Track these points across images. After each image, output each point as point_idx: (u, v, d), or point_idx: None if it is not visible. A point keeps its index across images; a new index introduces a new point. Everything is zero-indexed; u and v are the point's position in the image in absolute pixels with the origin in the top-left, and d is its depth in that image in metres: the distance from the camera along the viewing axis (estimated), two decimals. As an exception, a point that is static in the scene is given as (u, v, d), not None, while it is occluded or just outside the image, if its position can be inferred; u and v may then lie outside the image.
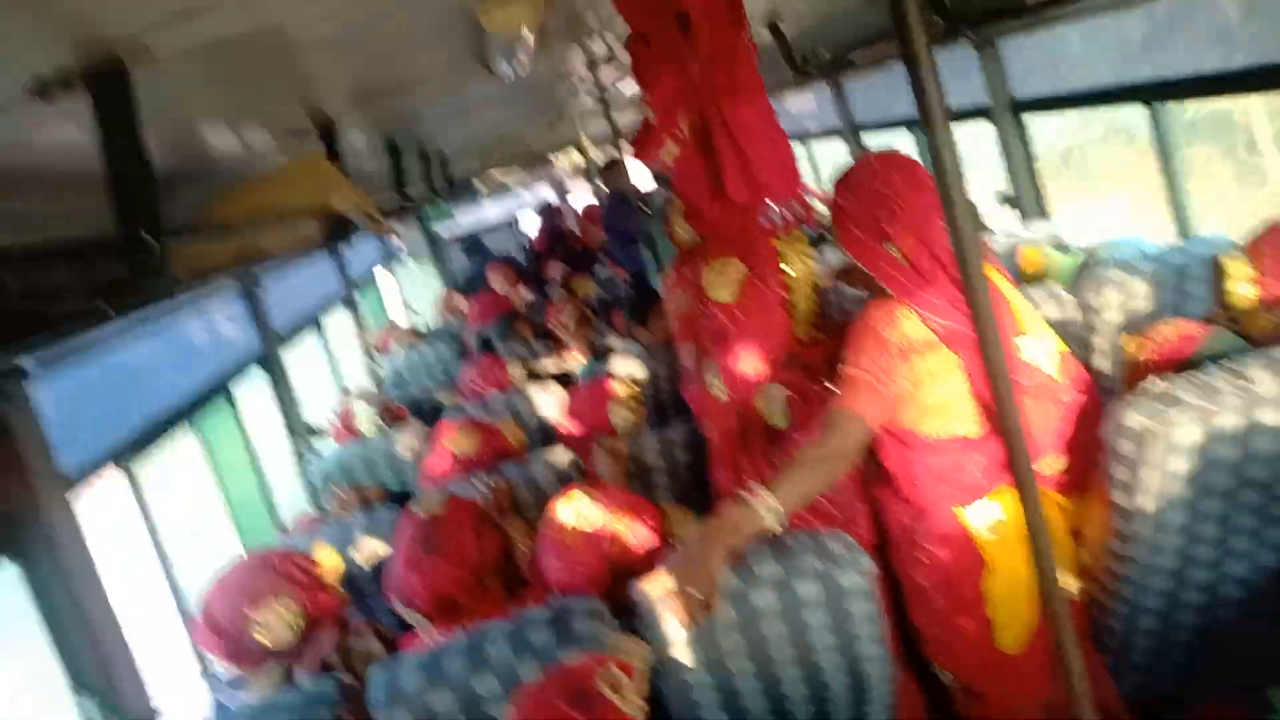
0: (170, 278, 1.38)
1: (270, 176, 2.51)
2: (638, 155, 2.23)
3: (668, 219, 2.49)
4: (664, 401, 3.36)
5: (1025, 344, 1.84)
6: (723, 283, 2.27)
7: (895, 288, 1.87)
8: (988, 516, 1.88)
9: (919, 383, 1.86)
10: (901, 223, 1.83)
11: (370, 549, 2.58)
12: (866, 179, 1.91)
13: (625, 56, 2.97)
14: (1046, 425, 1.86)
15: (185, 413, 3.09)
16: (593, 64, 3.40)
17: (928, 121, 1.04)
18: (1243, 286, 2.16)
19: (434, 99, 3.25)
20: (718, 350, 2.29)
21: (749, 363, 2.27)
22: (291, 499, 3.94)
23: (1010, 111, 3.63)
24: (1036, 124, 3.65)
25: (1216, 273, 2.23)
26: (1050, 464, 1.89)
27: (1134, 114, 3.00)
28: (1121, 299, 2.41)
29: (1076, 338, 2.39)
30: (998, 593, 1.88)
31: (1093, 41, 3.19)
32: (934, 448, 1.90)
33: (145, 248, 1.33)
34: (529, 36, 2.11)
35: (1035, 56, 3.41)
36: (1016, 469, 1.14)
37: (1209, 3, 2.58)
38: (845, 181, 1.96)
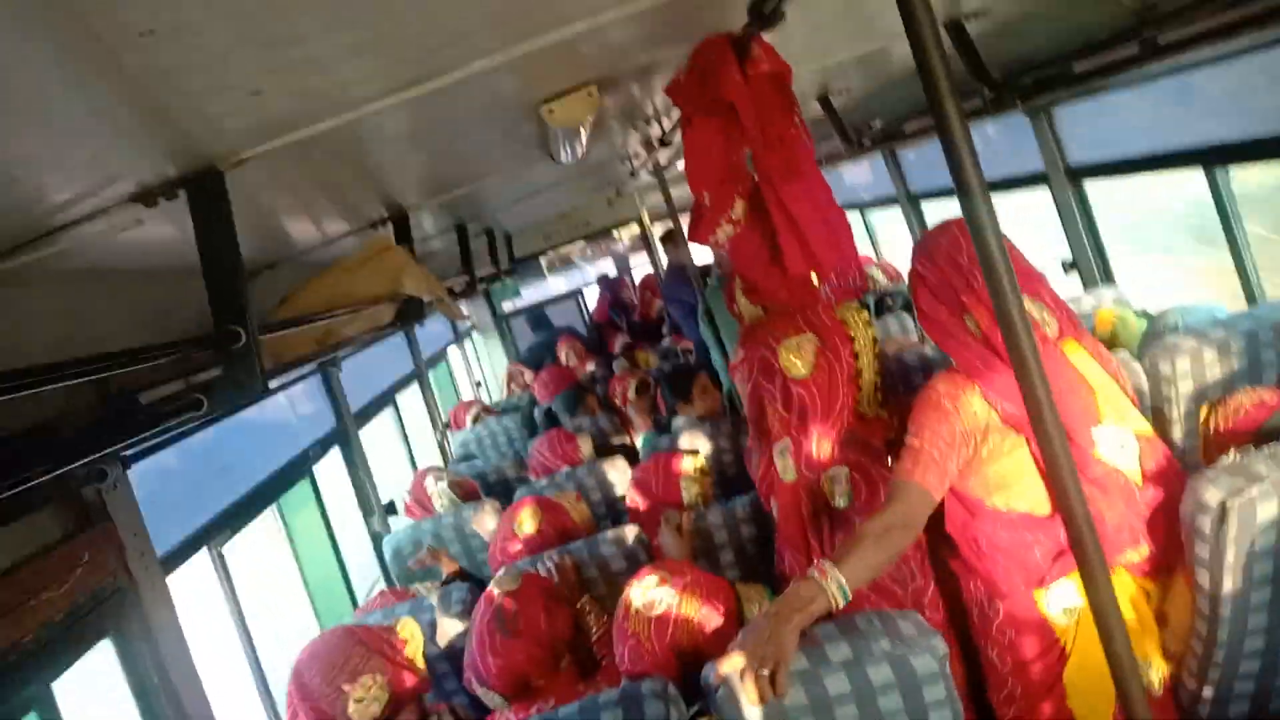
0: (263, 371, 1.46)
1: (345, 264, 2.63)
2: (692, 237, 2.29)
3: (730, 293, 2.52)
4: (727, 475, 3.36)
5: (1101, 435, 1.81)
6: (799, 359, 2.29)
7: (964, 364, 1.87)
8: (1064, 601, 1.84)
9: (981, 459, 1.85)
10: (979, 295, 1.82)
11: (445, 628, 2.60)
12: (947, 247, 1.90)
13: (678, 139, 3.08)
14: (1121, 520, 1.81)
15: (269, 493, 3.19)
16: (650, 145, 3.51)
17: (963, 192, 1.07)
18: None
19: (500, 185, 3.39)
20: (794, 427, 2.29)
21: (821, 442, 2.27)
22: (364, 575, 4.01)
23: (1066, 177, 3.62)
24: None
25: None
26: (1131, 555, 1.84)
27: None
28: (1193, 367, 2.35)
29: (1149, 408, 2.34)
30: (1077, 681, 1.83)
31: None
32: (1001, 520, 1.88)
33: (239, 342, 1.42)
34: (588, 126, 2.21)
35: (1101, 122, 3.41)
36: (1081, 555, 1.13)
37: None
38: (925, 249, 1.95)
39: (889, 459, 2.22)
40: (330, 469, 4.01)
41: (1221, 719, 1.84)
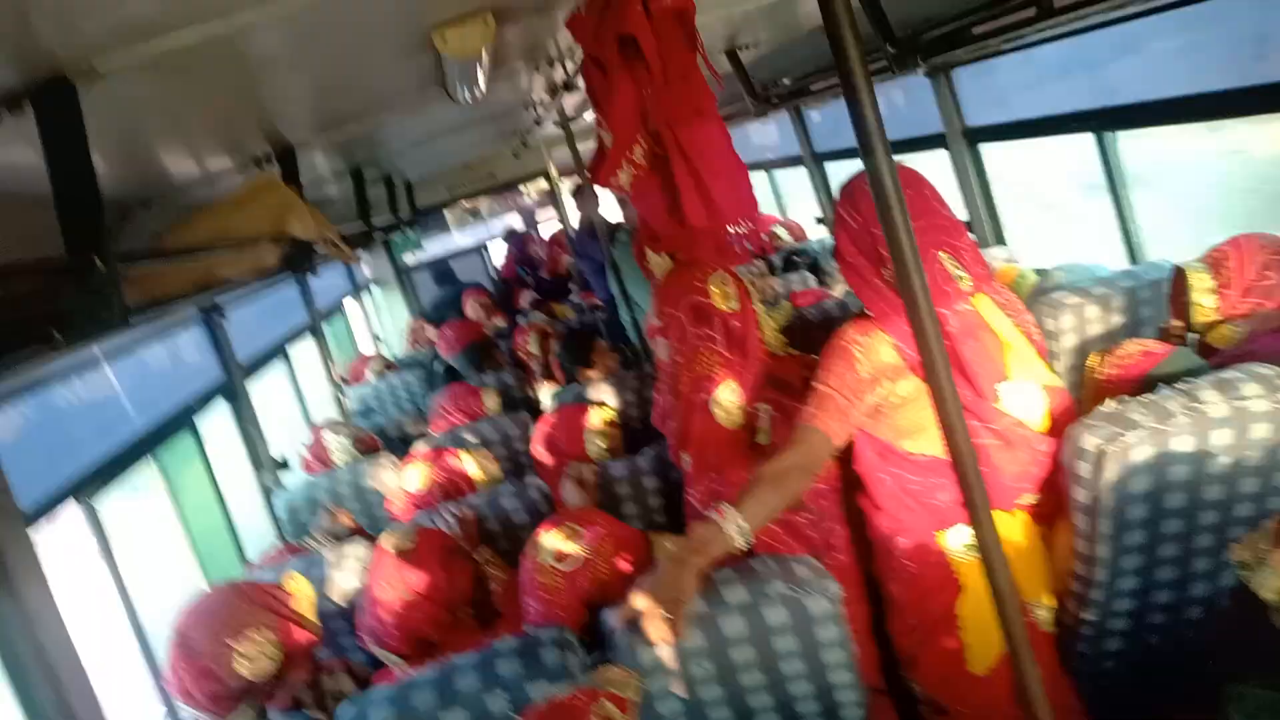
0: (123, 304, 1.35)
1: (226, 200, 2.48)
2: (593, 179, 2.23)
3: (640, 250, 2.47)
4: (633, 429, 3.35)
5: (1006, 390, 1.85)
6: (728, 293, 2.27)
7: (877, 312, 1.89)
8: (964, 540, 1.89)
9: (891, 405, 1.88)
10: None
11: (341, 586, 2.52)
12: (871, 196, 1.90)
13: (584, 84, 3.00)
14: (1021, 469, 1.87)
15: (147, 445, 3.03)
16: (554, 90, 3.42)
17: (867, 151, 1.07)
18: (1206, 299, 2.20)
19: (395, 124, 3.25)
20: (737, 366, 2.25)
21: (757, 378, 2.27)
22: (257, 534, 3.87)
23: (964, 139, 3.70)
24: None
25: (1177, 285, 2.28)
26: (1028, 498, 1.90)
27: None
28: (1076, 322, 2.45)
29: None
30: (969, 616, 1.89)
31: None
32: (910, 463, 1.92)
33: (95, 271, 1.30)
34: (485, 61, 2.12)
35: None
36: (968, 496, 1.15)
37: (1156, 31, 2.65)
38: (851, 196, 1.93)
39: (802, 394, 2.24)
40: (220, 423, 3.83)
41: (1098, 653, 1.94)
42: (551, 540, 1.94)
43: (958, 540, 1.91)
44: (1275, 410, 1.69)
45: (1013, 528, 1.89)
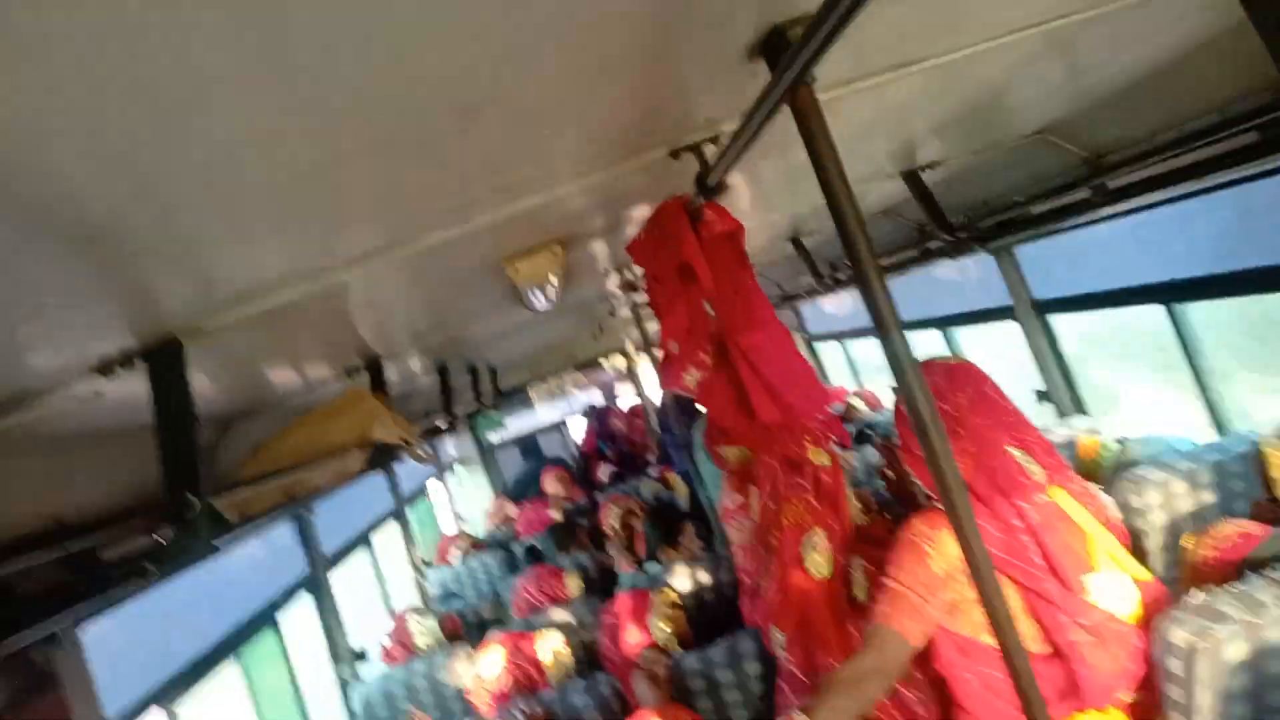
0: (211, 537, 1.45)
1: (317, 412, 2.63)
2: (662, 384, 2.33)
3: (713, 437, 2.54)
4: (705, 614, 3.29)
5: (1094, 582, 1.78)
6: (822, 454, 2.35)
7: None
8: None
9: (969, 599, 1.82)
10: (961, 445, 1.82)
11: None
12: (933, 391, 1.89)
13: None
14: (1118, 667, 1.77)
15: (230, 645, 3.09)
16: (626, 286, 3.60)
17: (883, 331, 1.14)
18: None
19: (478, 328, 3.44)
20: (827, 516, 2.29)
21: (848, 528, 2.29)
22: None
23: (1033, 311, 3.72)
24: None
25: (1261, 463, 2.20)
26: (1124, 696, 1.79)
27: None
28: (1163, 499, 2.36)
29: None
30: None
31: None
32: (995, 658, 1.83)
33: (188, 509, 1.41)
34: (555, 279, 2.27)
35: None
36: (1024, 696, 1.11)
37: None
38: None
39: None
40: (297, 612, 3.89)
41: None
42: None
43: None
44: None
45: None
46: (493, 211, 1.51)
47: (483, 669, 2.83)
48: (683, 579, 3.39)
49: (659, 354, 2.41)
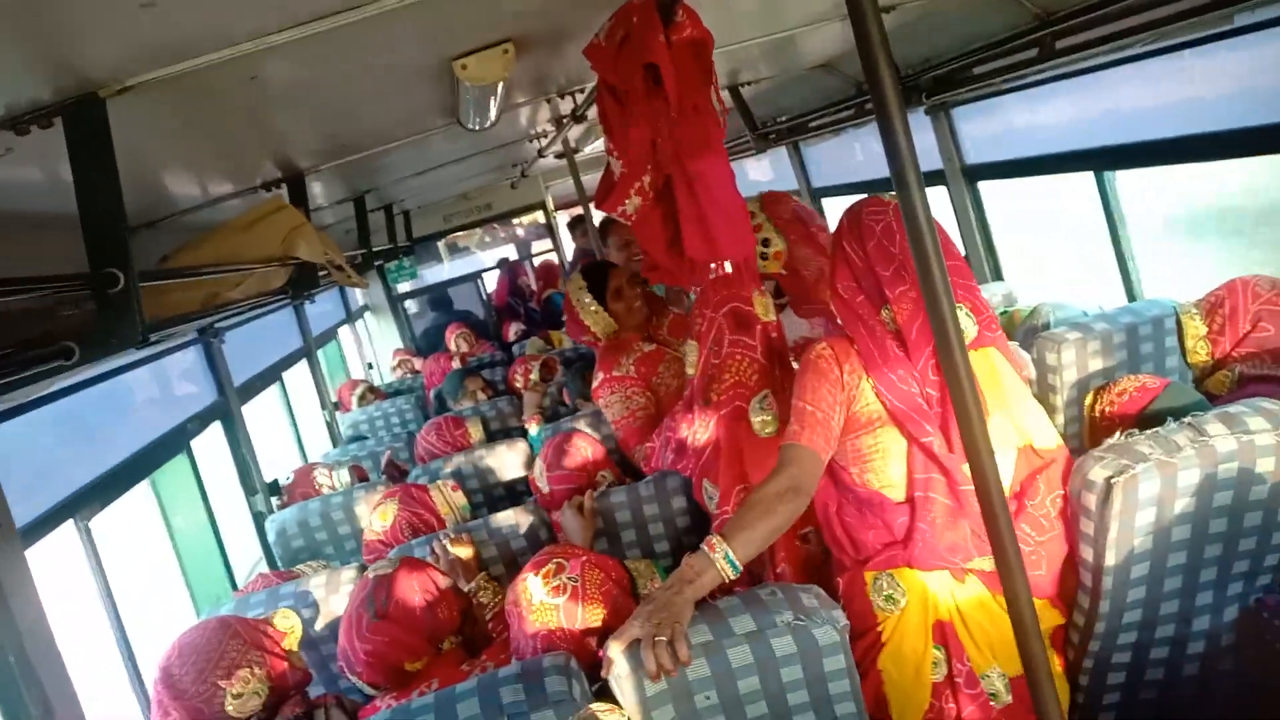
0: (143, 321, 1.35)
1: (235, 222, 2.48)
2: (599, 205, 2.24)
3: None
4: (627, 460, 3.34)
5: None
6: (768, 306, 2.32)
7: (864, 353, 1.87)
8: (885, 591, 1.88)
9: (852, 420, 1.87)
10: (903, 290, 1.81)
11: (333, 610, 2.49)
12: (880, 233, 1.85)
13: (592, 114, 3.03)
14: (956, 535, 1.84)
15: (143, 466, 3.00)
16: (559, 121, 3.46)
17: (901, 185, 1.08)
18: (1200, 345, 2.24)
19: (400, 152, 3.27)
20: (774, 375, 2.28)
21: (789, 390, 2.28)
22: (246, 556, 3.84)
23: (963, 177, 3.76)
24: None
25: (1179, 331, 2.32)
26: (982, 563, 1.86)
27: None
28: (1077, 358, 2.47)
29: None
30: (890, 670, 1.88)
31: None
32: (852, 491, 1.92)
33: (118, 287, 1.30)
34: (500, 90, 2.15)
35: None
36: (1003, 568, 1.14)
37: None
38: (857, 228, 1.90)
39: None
40: (211, 445, 3.80)
41: (1100, 687, 1.93)
42: (541, 577, 1.92)
43: (879, 591, 1.89)
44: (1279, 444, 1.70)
45: (958, 591, 1.87)
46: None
47: (374, 523, 2.83)
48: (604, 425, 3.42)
49: (597, 179, 2.32)
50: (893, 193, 2.04)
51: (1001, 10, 2.81)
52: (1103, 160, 3.00)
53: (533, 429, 3.88)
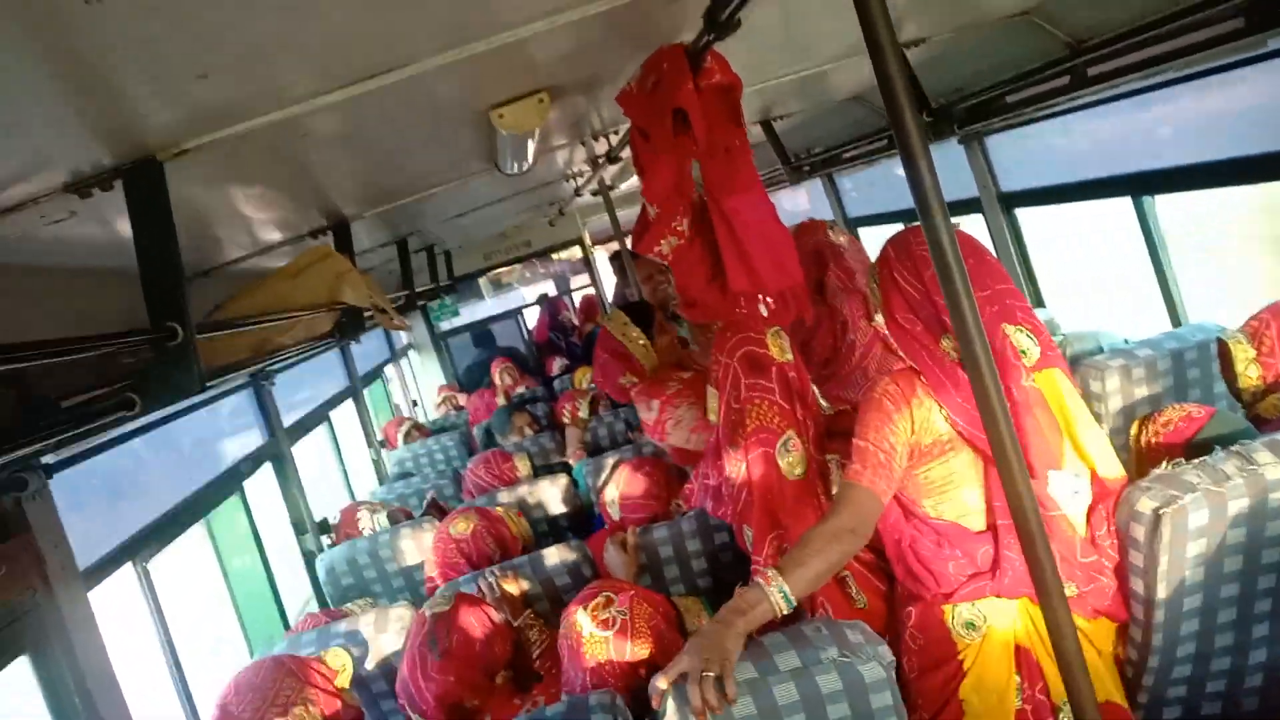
0: (201, 370, 1.41)
1: (282, 271, 2.56)
2: (635, 247, 2.27)
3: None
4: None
5: (1056, 479, 1.78)
6: (784, 346, 2.29)
7: (933, 382, 1.85)
8: (970, 619, 1.86)
9: (922, 455, 1.86)
10: None
11: (382, 647, 2.53)
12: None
13: (626, 154, 3.08)
14: (1058, 556, 1.75)
15: (197, 508, 3.08)
16: (595, 162, 3.52)
17: (925, 215, 1.09)
18: (1250, 369, 2.21)
19: (441, 196, 3.36)
20: (797, 416, 2.25)
21: (818, 427, 2.27)
22: (297, 594, 3.90)
23: (999, 204, 3.75)
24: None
25: (1223, 357, 2.28)
26: (1067, 590, 1.83)
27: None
28: (1122, 385, 2.44)
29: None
30: (973, 700, 1.84)
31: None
32: (929, 526, 1.89)
33: (176, 339, 1.37)
34: (536, 135, 2.20)
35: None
36: (1039, 581, 1.13)
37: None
38: (909, 257, 1.87)
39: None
40: (262, 486, 3.89)
41: (1155, 721, 1.89)
42: (590, 610, 1.93)
43: (960, 619, 1.87)
44: (1329, 472, 1.67)
45: (1036, 617, 1.83)
46: (479, 43, 1.44)
47: (454, 529, 2.86)
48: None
49: (634, 218, 2.36)
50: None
51: (1033, 39, 2.82)
52: (1140, 185, 2.97)
53: (579, 462, 3.91)
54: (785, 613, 1.69)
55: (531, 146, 2.31)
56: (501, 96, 1.88)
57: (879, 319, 1.98)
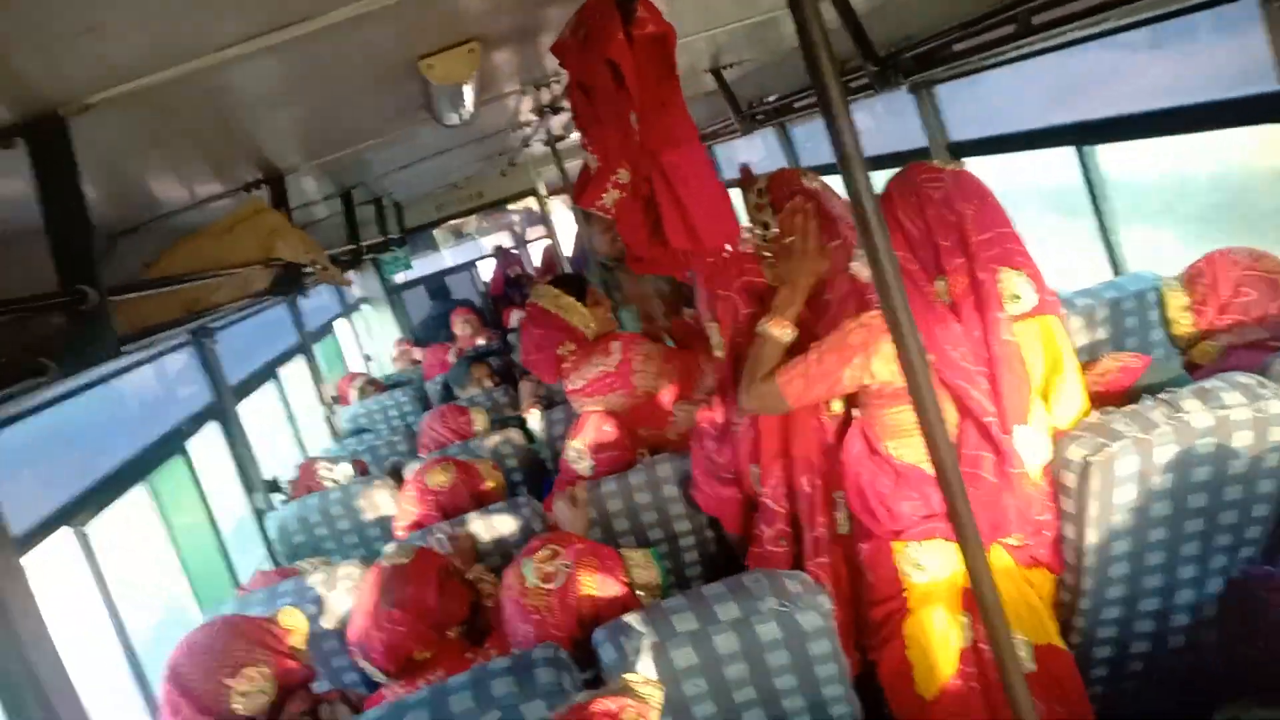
0: (115, 334, 1.36)
1: (214, 227, 2.49)
2: (578, 200, 2.23)
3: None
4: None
5: (1021, 433, 1.79)
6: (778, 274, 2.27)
7: (919, 324, 1.83)
8: (917, 559, 1.90)
9: (887, 395, 1.88)
10: (962, 260, 1.78)
11: (335, 609, 2.53)
12: (941, 203, 1.81)
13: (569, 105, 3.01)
14: (994, 514, 1.83)
15: (139, 469, 3.03)
16: (540, 111, 3.45)
17: (845, 167, 1.08)
18: (1182, 316, 2.25)
19: (384, 148, 3.27)
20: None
21: None
22: (248, 553, 3.87)
23: (948, 153, 3.74)
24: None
25: (1161, 304, 2.32)
26: (1011, 539, 1.88)
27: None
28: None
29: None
30: (914, 637, 1.89)
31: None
32: (887, 465, 1.92)
33: (88, 302, 1.32)
34: (472, 86, 2.14)
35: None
36: (956, 524, 1.15)
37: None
38: (915, 194, 1.84)
39: None
40: (210, 445, 3.83)
41: (1087, 661, 1.95)
42: (534, 562, 1.94)
43: (908, 560, 1.91)
44: (1256, 418, 1.71)
45: (994, 561, 1.86)
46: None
47: (429, 479, 2.83)
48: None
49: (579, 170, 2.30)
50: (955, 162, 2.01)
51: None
52: (1084, 135, 2.98)
53: (532, 417, 3.89)
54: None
55: (470, 96, 2.25)
56: (430, 46, 1.82)
57: (855, 265, 1.98)
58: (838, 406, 2.17)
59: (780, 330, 2.03)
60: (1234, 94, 2.33)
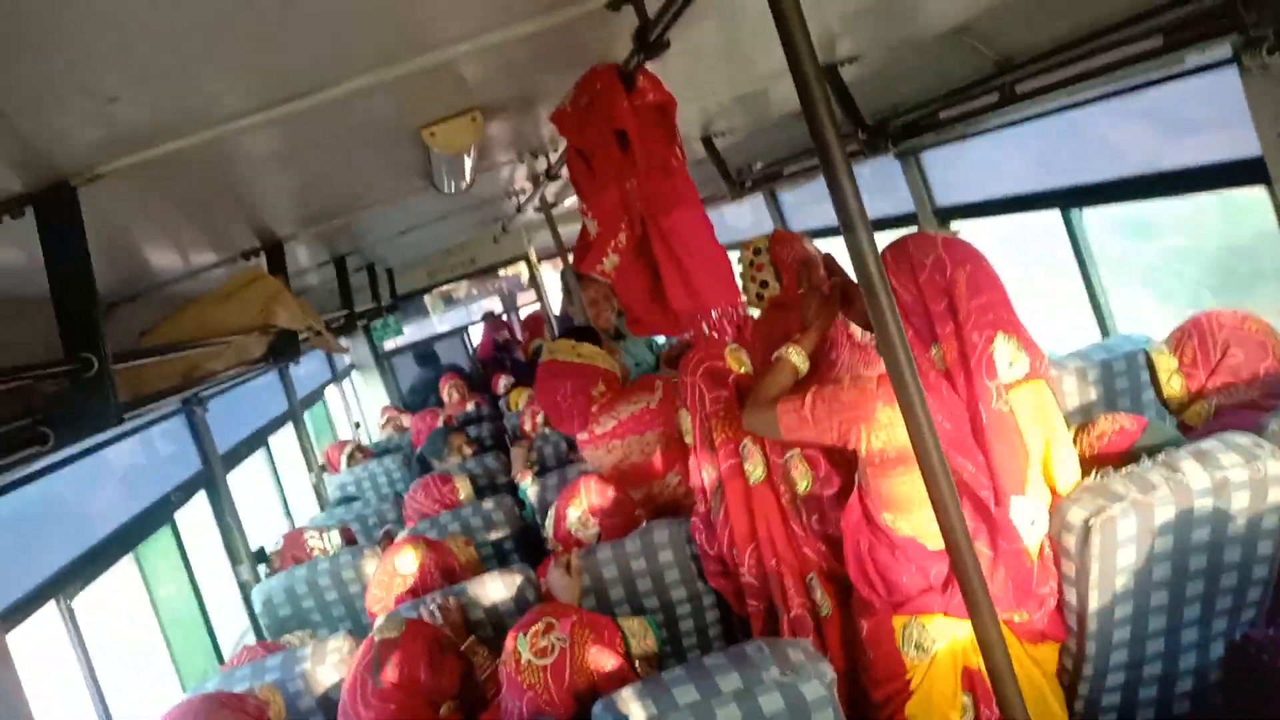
0: (118, 401, 1.35)
1: (213, 294, 2.49)
2: (578, 265, 2.26)
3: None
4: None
5: (1017, 504, 1.77)
6: (742, 360, 2.35)
7: None
8: (919, 640, 1.87)
9: (887, 460, 1.85)
10: (957, 329, 1.76)
11: (320, 679, 2.46)
12: (931, 269, 1.80)
13: (566, 173, 3.06)
14: (1014, 584, 1.80)
15: (126, 541, 2.97)
16: (536, 179, 3.50)
17: (849, 231, 1.10)
18: (1173, 380, 2.26)
19: (379, 215, 3.31)
20: None
21: None
22: (233, 626, 3.79)
23: (935, 218, 3.82)
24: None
25: (1150, 367, 2.34)
26: (1014, 615, 1.84)
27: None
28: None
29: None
30: (918, 716, 1.86)
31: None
32: (887, 537, 1.89)
33: (91, 371, 1.31)
34: (472, 155, 2.18)
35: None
36: (968, 594, 1.14)
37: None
38: (906, 263, 1.83)
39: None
40: (197, 515, 3.77)
41: (1092, 727, 1.92)
42: (528, 636, 1.90)
43: (909, 639, 1.87)
44: (1254, 479, 1.71)
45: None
46: (407, 63, 1.41)
47: (400, 564, 2.79)
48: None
49: (575, 235, 2.34)
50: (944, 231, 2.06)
51: (963, 57, 2.88)
52: (1070, 198, 3.05)
53: (526, 482, 3.84)
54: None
55: (469, 164, 2.28)
56: (433, 115, 1.86)
57: (865, 335, 2.03)
58: (803, 487, 2.17)
59: (799, 358, 2.05)
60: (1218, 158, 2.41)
